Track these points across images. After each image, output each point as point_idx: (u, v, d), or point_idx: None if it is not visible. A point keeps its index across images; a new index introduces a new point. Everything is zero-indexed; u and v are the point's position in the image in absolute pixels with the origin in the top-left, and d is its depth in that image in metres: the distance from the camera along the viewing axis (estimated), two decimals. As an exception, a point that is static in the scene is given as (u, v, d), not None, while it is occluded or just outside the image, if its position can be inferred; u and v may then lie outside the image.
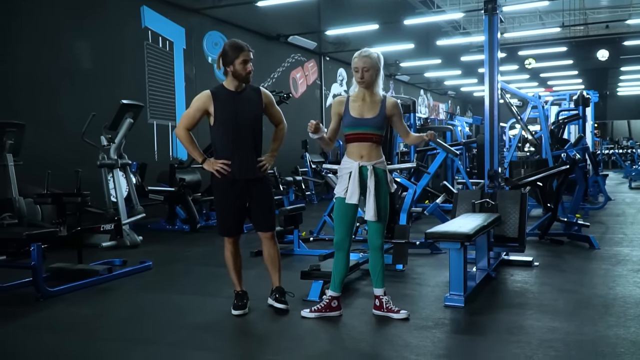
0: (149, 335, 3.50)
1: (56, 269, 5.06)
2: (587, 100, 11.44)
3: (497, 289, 4.51)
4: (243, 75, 3.75)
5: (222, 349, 3.22)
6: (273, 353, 3.19)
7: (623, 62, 24.18)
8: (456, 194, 5.50)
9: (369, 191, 3.60)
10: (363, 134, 3.60)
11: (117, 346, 3.30)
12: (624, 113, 30.77)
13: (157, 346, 3.27)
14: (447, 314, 3.81)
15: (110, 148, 6.97)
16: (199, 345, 3.29)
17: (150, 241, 7.01)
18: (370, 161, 3.60)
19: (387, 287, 3.80)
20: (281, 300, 3.86)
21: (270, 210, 3.88)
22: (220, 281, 4.93)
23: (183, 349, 3.23)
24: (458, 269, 4.00)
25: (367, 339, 3.41)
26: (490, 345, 3.19)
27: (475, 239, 4.26)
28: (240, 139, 3.78)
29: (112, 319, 3.93)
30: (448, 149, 8.00)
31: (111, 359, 3.09)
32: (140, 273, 5.26)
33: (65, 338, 3.52)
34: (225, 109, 3.77)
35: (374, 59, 3.60)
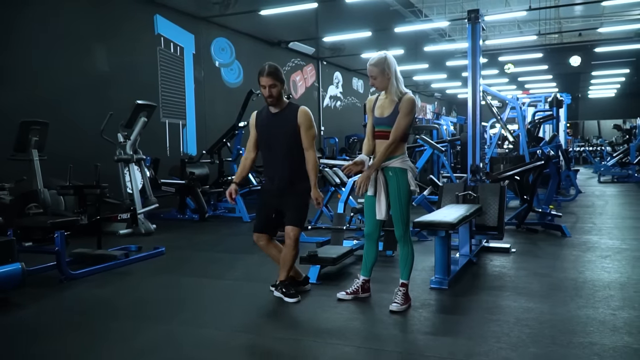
0: (163, 314, 3.51)
1: (78, 254, 5.07)
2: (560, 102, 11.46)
3: (478, 273, 4.54)
4: (266, 99, 3.68)
5: (230, 325, 3.23)
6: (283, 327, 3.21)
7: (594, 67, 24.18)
8: (441, 186, 5.51)
9: (378, 190, 3.52)
10: (381, 132, 3.52)
11: (134, 324, 3.32)
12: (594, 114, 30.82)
13: (170, 324, 3.29)
14: (433, 295, 3.83)
15: (126, 144, 6.96)
16: (209, 324, 3.31)
17: (163, 229, 7.02)
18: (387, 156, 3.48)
19: (378, 272, 3.82)
20: (290, 294, 3.75)
21: (295, 209, 3.71)
22: (226, 265, 4.96)
23: (194, 326, 3.24)
24: (443, 254, 4.03)
25: (360, 317, 3.43)
26: (471, 324, 3.22)
27: (459, 227, 4.28)
28: (274, 156, 3.72)
29: (129, 299, 3.95)
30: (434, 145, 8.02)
31: (128, 336, 3.10)
32: (154, 258, 5.28)
33: (86, 316, 3.53)
34: (262, 129, 3.75)
35: (379, 66, 3.45)
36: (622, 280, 4.14)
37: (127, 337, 3.09)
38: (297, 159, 3.70)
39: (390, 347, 2.88)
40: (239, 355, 2.83)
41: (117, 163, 6.93)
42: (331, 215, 6.63)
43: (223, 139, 9.09)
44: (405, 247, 3.55)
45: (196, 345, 2.93)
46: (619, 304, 3.54)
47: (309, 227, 6.47)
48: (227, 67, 11.89)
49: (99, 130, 6.88)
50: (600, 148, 21.68)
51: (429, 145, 7.98)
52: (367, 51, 15.38)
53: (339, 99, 17.63)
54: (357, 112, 17.28)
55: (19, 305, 3.74)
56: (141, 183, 7.16)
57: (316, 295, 3.88)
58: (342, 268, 4.70)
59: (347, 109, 17.98)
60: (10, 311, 3.62)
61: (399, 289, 3.52)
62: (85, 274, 4.53)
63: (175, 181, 8.25)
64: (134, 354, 2.82)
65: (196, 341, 2.99)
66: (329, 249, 4.65)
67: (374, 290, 3.82)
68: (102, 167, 5.96)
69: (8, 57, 7.17)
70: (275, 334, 3.13)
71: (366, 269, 3.73)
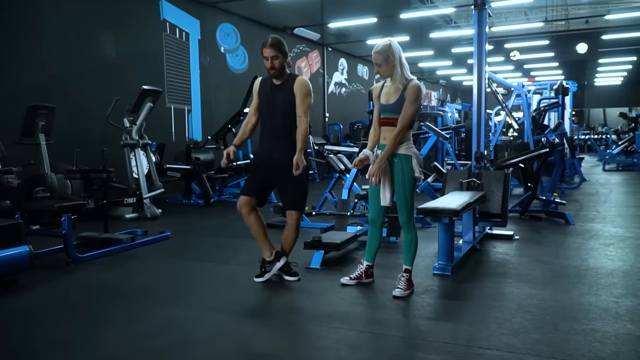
0: (168, 298, 3.54)
1: (85, 237, 5.10)
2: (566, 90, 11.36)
3: (481, 259, 4.54)
4: (268, 70, 3.69)
5: (234, 309, 3.25)
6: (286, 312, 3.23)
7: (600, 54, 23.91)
8: (445, 173, 5.49)
9: (382, 176, 3.50)
10: (387, 119, 3.51)
11: (140, 307, 3.34)
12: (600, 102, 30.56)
13: (175, 308, 3.31)
14: (436, 281, 3.83)
15: (132, 129, 6.96)
16: (214, 308, 3.33)
17: (168, 214, 7.04)
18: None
19: (381, 258, 3.82)
20: (291, 273, 3.85)
21: (293, 192, 3.74)
22: (231, 250, 4.98)
23: (198, 310, 3.27)
24: (446, 241, 4.03)
25: (363, 302, 3.44)
26: (474, 309, 3.22)
27: (462, 214, 4.27)
28: (273, 128, 3.74)
29: (135, 282, 3.97)
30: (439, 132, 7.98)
31: (134, 319, 3.13)
32: (160, 242, 5.30)
33: (93, 298, 3.56)
34: (264, 99, 3.77)
35: (383, 54, 3.42)
36: (625, 268, 4.13)
37: (132, 320, 3.11)
38: (294, 132, 3.69)
39: (393, 331, 2.89)
40: (243, 339, 2.85)
41: (123, 148, 6.94)
42: (335, 202, 6.63)
43: (228, 125, 9.07)
44: (409, 233, 3.55)
45: (200, 329, 2.95)
46: (622, 291, 3.53)
47: (313, 212, 6.48)
48: (232, 52, 11.83)
49: (105, 115, 6.88)
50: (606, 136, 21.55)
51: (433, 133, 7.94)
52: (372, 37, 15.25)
53: (344, 86, 17.55)
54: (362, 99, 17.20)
55: (27, 287, 3.77)
56: (147, 168, 7.17)
57: (320, 280, 3.89)
58: (346, 254, 4.71)
59: (352, 96, 17.90)
60: (19, 293, 3.66)
61: (402, 275, 3.53)
62: (92, 257, 4.56)
63: (180, 166, 8.26)
64: (139, 337, 2.84)
65: (200, 325, 3.01)
66: (332, 234, 4.66)
67: (377, 275, 3.83)
68: (109, 152, 5.96)
69: (17, 44, 7.15)
70: (278, 318, 3.15)
71: (370, 255, 3.74)
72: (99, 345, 2.71)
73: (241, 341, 2.81)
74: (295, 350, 2.69)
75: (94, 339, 2.81)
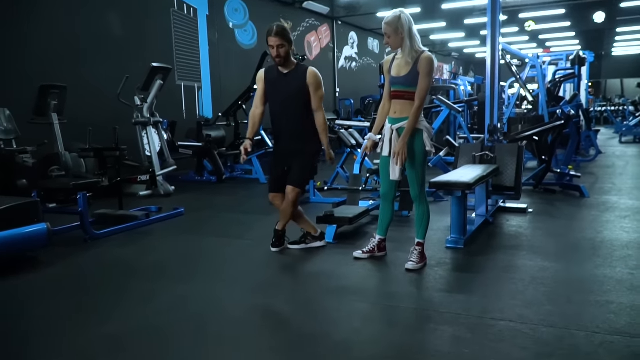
0: (182, 274, 3.61)
1: (100, 214, 5.18)
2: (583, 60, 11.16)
3: (494, 232, 4.55)
4: (274, 59, 3.69)
5: (248, 284, 3.31)
6: (300, 285, 3.28)
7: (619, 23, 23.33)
8: (458, 147, 5.47)
9: (393, 151, 3.48)
10: (398, 92, 3.48)
11: (155, 282, 3.42)
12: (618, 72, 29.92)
13: (189, 284, 3.38)
14: (448, 254, 3.86)
15: (143, 107, 6.99)
16: (227, 283, 3.39)
17: (181, 191, 7.12)
18: (401, 116, 3.48)
19: (394, 232, 3.83)
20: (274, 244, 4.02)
21: (298, 169, 3.81)
22: (244, 226, 5.03)
23: (213, 285, 3.33)
24: (459, 214, 4.04)
25: (376, 275, 3.49)
26: (487, 282, 3.25)
27: (475, 188, 4.27)
28: (282, 116, 3.79)
29: (150, 258, 4.05)
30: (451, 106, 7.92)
31: (150, 294, 3.20)
32: (174, 218, 5.38)
33: (110, 274, 3.65)
34: (271, 88, 3.80)
35: (392, 25, 3.38)
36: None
37: (147, 296, 3.19)
38: (305, 119, 3.77)
39: (406, 303, 2.94)
40: (257, 312, 2.91)
41: (135, 126, 6.97)
42: (347, 177, 6.66)
43: (238, 102, 9.07)
44: (420, 207, 3.57)
45: (214, 304, 3.01)
46: (638, 263, 3.53)
47: (325, 188, 6.51)
48: (241, 28, 11.74)
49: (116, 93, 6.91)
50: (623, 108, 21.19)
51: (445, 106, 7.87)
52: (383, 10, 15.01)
53: (354, 60, 17.38)
54: (373, 73, 17.04)
55: (47, 263, 3.87)
56: (159, 146, 7.22)
57: (333, 254, 3.94)
58: (359, 228, 4.74)
59: (362, 70, 17.74)
60: (39, 269, 3.75)
61: (415, 248, 3.56)
62: (108, 234, 4.65)
63: (192, 143, 8.31)
64: (154, 313, 2.91)
65: (214, 300, 3.07)
66: (345, 209, 4.69)
67: (390, 249, 3.86)
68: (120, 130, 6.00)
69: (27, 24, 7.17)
70: (292, 292, 3.20)
71: (382, 229, 3.77)
72: (115, 320, 2.79)
73: (255, 315, 2.87)
74: (309, 323, 2.74)
75: (110, 314, 2.88)
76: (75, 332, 2.64)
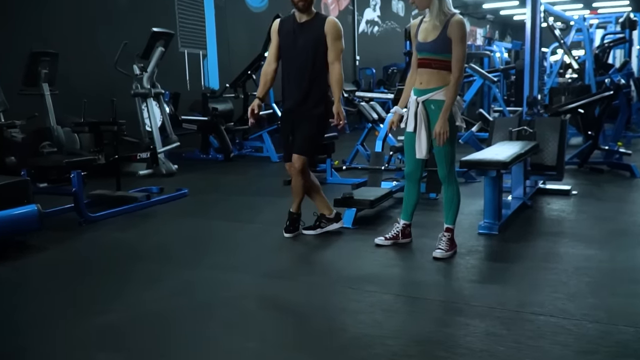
0: (188, 259, 3.64)
1: (96, 195, 5.23)
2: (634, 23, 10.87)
3: (533, 217, 4.51)
4: (294, 2, 3.66)
5: (260, 270, 3.32)
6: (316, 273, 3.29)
7: (677, -20, 22.68)
8: (492, 121, 5.41)
9: (418, 125, 3.45)
10: (424, 59, 3.42)
11: (159, 267, 3.45)
12: (675, 36, 29.20)
13: (196, 269, 3.40)
14: (481, 241, 3.83)
15: (143, 77, 7.00)
16: (237, 269, 3.41)
17: (185, 170, 7.15)
18: (428, 87, 3.43)
19: (420, 216, 3.80)
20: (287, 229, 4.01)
21: (301, 134, 3.79)
22: (255, 209, 5.05)
23: (221, 271, 3.35)
24: (493, 196, 4.00)
25: (400, 264, 3.48)
26: (523, 272, 3.22)
27: (511, 167, 4.22)
28: (293, 71, 3.76)
29: (152, 242, 4.09)
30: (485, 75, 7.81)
31: (154, 279, 3.23)
32: (177, 200, 5.42)
33: (109, 259, 3.69)
34: (285, 39, 3.78)
35: None
36: (698, 226, 4.04)
37: (151, 280, 3.22)
38: (318, 75, 3.74)
39: (433, 295, 2.92)
40: (270, 300, 2.92)
41: (134, 98, 7.00)
42: (368, 155, 6.62)
43: (248, 71, 9.04)
44: (450, 188, 3.53)
45: (223, 290, 3.03)
46: (694, 251, 3.48)
47: (344, 167, 6.49)
48: (250, -12, 11.65)
49: (113, 62, 6.91)
50: (680, 77, 20.70)
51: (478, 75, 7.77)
52: (409, -33, 14.80)
53: (377, 24, 17.18)
54: (397, 39, 16.82)
55: (39, 247, 3.92)
56: (160, 120, 7.24)
57: (352, 240, 3.93)
58: (380, 211, 4.73)
59: (385, 36, 17.53)
60: (30, 254, 3.81)
61: (443, 234, 3.54)
62: (105, 217, 4.69)
63: (196, 118, 8.33)
64: (159, 298, 2.94)
65: (223, 286, 3.09)
66: (365, 190, 4.67)
67: (416, 235, 3.84)
68: (118, 102, 6.02)
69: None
70: (307, 280, 3.21)
71: (407, 213, 3.75)
72: (118, 306, 2.82)
73: (268, 303, 2.89)
74: (327, 314, 2.75)
75: (112, 300, 2.92)
76: (72, 323, 2.68)
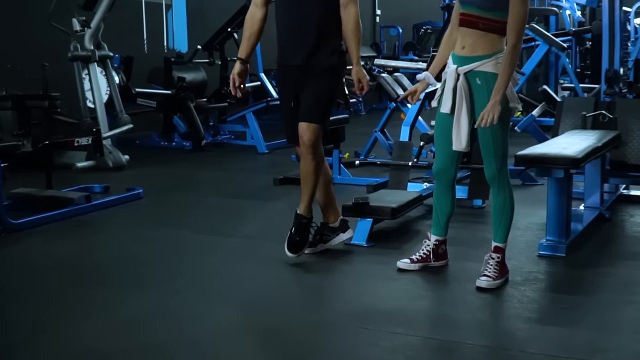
0: (145, 282, 3.65)
1: (20, 195, 5.23)
2: None
3: (612, 234, 4.54)
4: None
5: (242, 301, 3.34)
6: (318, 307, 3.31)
7: None
8: (560, 103, 5.42)
9: (457, 106, 3.45)
10: (468, 16, 3.44)
11: (104, 294, 3.45)
12: None
13: (155, 296, 3.42)
14: (542, 266, 3.85)
15: (85, 35, 6.99)
16: (211, 298, 3.42)
17: (139, 162, 7.17)
18: (473, 54, 3.44)
19: (459, 229, 3.80)
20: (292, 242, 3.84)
21: (311, 95, 3.77)
22: (235, 216, 5.08)
23: (190, 301, 3.36)
24: (559, 206, 4.01)
25: (430, 296, 3.49)
26: (599, 307, 3.24)
27: (585, 165, 4.24)
28: (296, 15, 3.76)
29: (96, 259, 4.10)
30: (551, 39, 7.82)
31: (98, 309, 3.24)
32: (128, 203, 5.43)
33: (35, 281, 3.70)
34: None
35: None
36: None
37: (93, 311, 3.22)
38: (331, 19, 3.73)
39: (475, 338, 2.94)
40: (255, 343, 2.94)
41: (72, 62, 6.99)
42: (390, 145, 6.62)
43: (227, 28, 9.05)
44: (500, 193, 3.54)
45: (192, 326, 3.04)
46: None
47: (357, 162, 6.51)
48: None
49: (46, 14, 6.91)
50: None
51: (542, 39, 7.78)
52: None
53: (404, -33, 17.22)
54: (432, -12, 16.88)
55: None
56: (107, 93, 7.24)
57: (366, 262, 3.96)
58: (406, 223, 4.75)
59: (416, -17, 17.58)
60: None
61: (491, 256, 3.55)
62: (32, 224, 4.69)
63: (156, 91, 8.33)
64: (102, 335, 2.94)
65: (192, 321, 3.10)
66: (385, 194, 4.69)
67: (453, 257, 3.87)
68: (52, 68, 6.02)
69: None
70: (306, 316, 3.22)
71: (439, 226, 3.76)
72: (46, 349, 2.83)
73: (252, 347, 2.90)
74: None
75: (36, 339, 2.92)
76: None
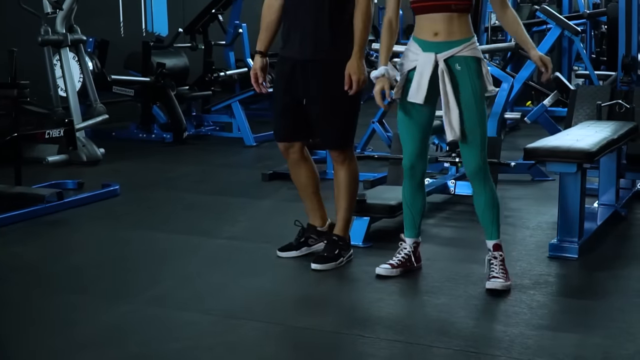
0: (120, 289, 3.66)
1: (-15, 192, 5.23)
2: None
3: (629, 233, 4.56)
4: None
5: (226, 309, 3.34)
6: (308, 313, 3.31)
7: None
8: (574, 91, 5.43)
9: (444, 96, 3.47)
10: (436, 1, 3.48)
11: (76, 300, 3.45)
12: None
13: (133, 304, 3.42)
14: (553, 268, 3.87)
15: (56, 17, 6.97)
16: (193, 305, 3.42)
17: (116, 156, 7.17)
18: (450, 39, 3.47)
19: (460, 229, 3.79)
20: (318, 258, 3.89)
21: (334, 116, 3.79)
22: (220, 215, 5.08)
23: (169, 308, 3.37)
24: (572, 203, 4.02)
25: (435, 302, 3.50)
26: (614, 313, 3.25)
27: (600, 159, 4.25)
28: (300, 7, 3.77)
29: (68, 263, 4.10)
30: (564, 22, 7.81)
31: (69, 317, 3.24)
32: (104, 201, 5.43)
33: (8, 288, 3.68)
34: None
35: None
36: None
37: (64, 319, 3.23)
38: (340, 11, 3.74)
39: (481, 346, 2.94)
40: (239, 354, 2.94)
41: (43, 47, 6.97)
42: (389, 137, 6.62)
43: (211, 9, 9.04)
44: (487, 186, 3.55)
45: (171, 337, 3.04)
46: None
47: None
48: None
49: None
50: None
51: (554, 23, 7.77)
52: None
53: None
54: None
55: None
56: (80, 81, 7.23)
57: (363, 264, 3.96)
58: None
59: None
60: None
61: (493, 255, 3.54)
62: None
63: (134, 78, 8.31)
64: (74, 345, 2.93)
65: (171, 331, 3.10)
66: (384, 191, 4.70)
67: (455, 259, 3.89)
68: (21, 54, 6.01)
69: None
70: (296, 324, 3.22)
71: (414, 226, 3.77)
72: None
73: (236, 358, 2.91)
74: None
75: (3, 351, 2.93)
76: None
